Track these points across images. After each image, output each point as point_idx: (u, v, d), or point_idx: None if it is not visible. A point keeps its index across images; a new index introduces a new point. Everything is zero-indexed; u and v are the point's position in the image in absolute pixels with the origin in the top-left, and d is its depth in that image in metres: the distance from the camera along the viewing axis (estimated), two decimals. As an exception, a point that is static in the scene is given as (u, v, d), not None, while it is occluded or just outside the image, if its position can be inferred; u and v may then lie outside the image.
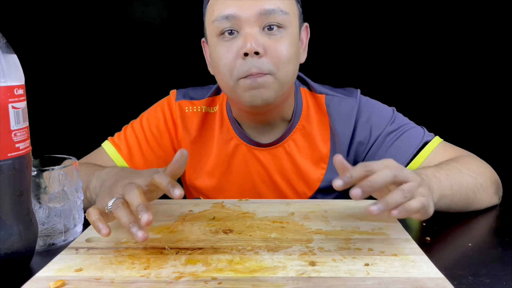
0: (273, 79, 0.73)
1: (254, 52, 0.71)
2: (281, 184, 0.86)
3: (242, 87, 0.73)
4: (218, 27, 0.73)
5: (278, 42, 0.73)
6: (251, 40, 0.71)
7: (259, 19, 0.72)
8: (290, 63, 0.75)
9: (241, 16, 0.72)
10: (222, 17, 0.72)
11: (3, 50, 0.47)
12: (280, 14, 0.72)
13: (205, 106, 0.88)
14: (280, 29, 0.73)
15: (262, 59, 0.72)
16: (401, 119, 0.85)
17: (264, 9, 0.71)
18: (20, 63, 0.49)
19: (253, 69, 0.72)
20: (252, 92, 0.73)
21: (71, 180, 0.60)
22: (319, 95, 0.86)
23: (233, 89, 0.75)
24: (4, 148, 0.46)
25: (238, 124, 0.86)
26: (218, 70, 0.76)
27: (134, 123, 0.89)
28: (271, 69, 0.73)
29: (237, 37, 0.73)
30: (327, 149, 0.85)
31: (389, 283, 0.46)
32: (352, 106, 0.85)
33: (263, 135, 0.85)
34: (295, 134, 0.85)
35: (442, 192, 0.65)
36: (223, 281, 0.46)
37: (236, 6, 0.72)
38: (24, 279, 0.47)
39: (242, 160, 0.86)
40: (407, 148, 0.80)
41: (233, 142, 0.86)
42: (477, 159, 0.77)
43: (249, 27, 0.72)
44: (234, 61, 0.73)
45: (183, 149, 0.54)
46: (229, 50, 0.73)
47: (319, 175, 0.86)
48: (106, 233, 0.52)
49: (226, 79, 0.75)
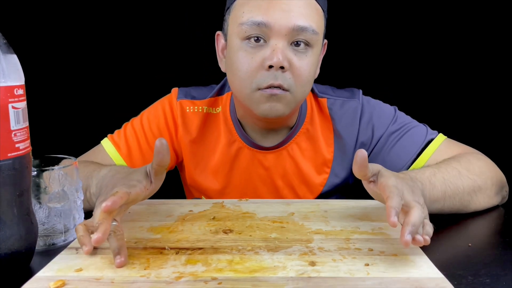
0: (291, 97, 0.73)
1: (280, 67, 0.70)
2: (283, 188, 0.86)
3: (259, 97, 0.73)
4: (245, 31, 0.72)
5: (303, 60, 0.73)
6: (278, 54, 0.70)
7: (290, 34, 0.71)
8: (310, 82, 0.76)
9: (273, 26, 0.70)
10: (253, 22, 0.71)
11: (3, 50, 0.47)
12: (311, 33, 0.72)
13: (207, 107, 0.87)
14: (307, 47, 0.73)
15: (285, 74, 0.72)
16: (403, 118, 0.84)
17: (297, 26, 0.70)
18: (20, 63, 0.49)
19: (275, 82, 0.71)
20: (268, 105, 0.73)
21: (71, 180, 0.60)
22: (321, 98, 0.86)
23: (249, 97, 0.74)
24: (4, 148, 0.46)
25: (241, 126, 0.85)
26: (236, 75, 0.75)
27: (134, 121, 0.89)
28: (291, 85, 0.72)
29: (263, 46, 0.72)
30: (331, 153, 0.85)
31: (389, 283, 0.46)
32: (355, 108, 0.84)
33: (267, 138, 0.85)
34: (299, 137, 0.85)
35: (433, 197, 0.65)
36: (223, 281, 0.46)
37: (270, 15, 0.70)
38: (24, 279, 0.47)
39: (244, 162, 0.86)
40: (411, 147, 0.80)
41: (236, 144, 0.85)
42: (480, 158, 0.76)
43: (278, 40, 0.71)
44: (257, 71, 0.72)
45: (161, 138, 0.54)
46: (253, 58, 0.72)
47: (322, 180, 0.85)
48: (87, 250, 0.53)
49: (243, 86, 0.74)
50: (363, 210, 0.69)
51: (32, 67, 0.90)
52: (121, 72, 1.67)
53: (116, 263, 0.50)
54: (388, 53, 1.65)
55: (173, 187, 0.93)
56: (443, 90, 1.68)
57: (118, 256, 0.50)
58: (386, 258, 0.52)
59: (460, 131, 0.97)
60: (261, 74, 0.72)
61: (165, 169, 0.57)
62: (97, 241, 0.48)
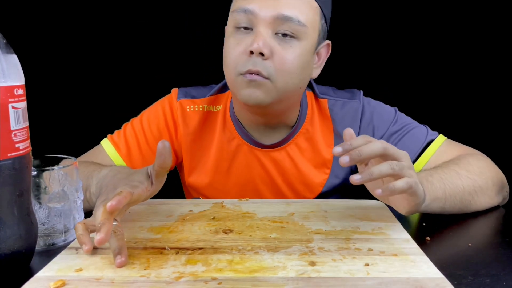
0: (270, 85, 0.73)
1: (260, 53, 0.71)
2: (282, 187, 0.86)
3: (240, 82, 0.74)
4: (235, 19, 0.74)
5: (287, 50, 0.73)
6: (259, 40, 0.71)
7: (274, 22, 0.72)
8: (294, 74, 0.74)
9: (259, 14, 0.72)
10: (241, 9, 0.73)
11: (3, 50, 0.47)
12: (296, 24, 0.72)
13: (207, 105, 0.87)
14: (293, 39, 0.73)
15: (266, 62, 0.72)
16: (403, 119, 0.85)
17: (281, 14, 0.71)
18: (20, 63, 0.49)
19: (253, 68, 0.72)
20: (248, 90, 0.73)
21: (71, 180, 0.60)
22: (322, 99, 0.86)
23: (233, 82, 0.76)
24: (4, 148, 0.46)
25: (241, 124, 0.85)
26: (224, 62, 0.77)
27: (134, 121, 0.89)
28: (272, 74, 0.72)
29: (250, 34, 0.73)
30: (330, 154, 0.85)
31: (389, 283, 0.46)
32: (356, 109, 0.84)
33: (265, 136, 0.85)
34: (299, 137, 0.85)
35: (434, 194, 0.65)
36: (223, 281, 0.46)
37: (257, 2, 0.72)
38: (24, 279, 0.47)
39: (243, 160, 0.86)
40: (411, 148, 0.80)
41: (235, 141, 0.86)
42: (480, 158, 0.76)
43: (263, 27, 0.72)
44: (240, 56, 0.73)
45: (163, 140, 0.55)
46: (239, 44, 0.74)
47: (322, 180, 0.85)
48: (86, 249, 0.53)
49: (229, 72, 0.76)
50: (363, 210, 0.69)
51: (32, 67, 0.90)
52: (121, 72, 1.67)
53: (117, 263, 0.50)
54: (388, 54, 1.65)
55: (173, 187, 0.93)
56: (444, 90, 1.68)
57: (119, 256, 0.50)
58: (386, 258, 0.52)
59: (460, 131, 0.97)
60: (243, 59, 0.73)
61: (167, 171, 0.57)
62: (100, 242, 0.49)
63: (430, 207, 0.65)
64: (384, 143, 0.55)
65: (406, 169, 0.55)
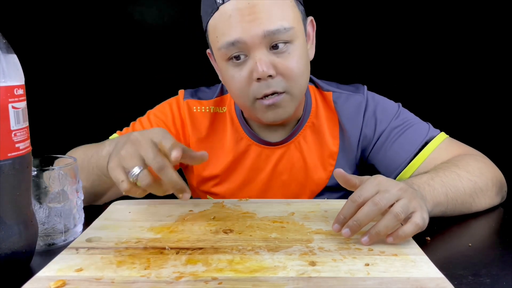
0: (289, 97, 0.74)
1: (267, 76, 0.71)
2: (290, 181, 0.86)
3: (260, 107, 0.75)
4: (225, 54, 0.73)
5: (287, 59, 0.72)
6: (262, 65, 0.70)
7: (264, 40, 0.71)
8: (303, 76, 0.75)
9: (247, 40, 0.70)
10: (228, 44, 0.71)
11: (3, 50, 0.47)
12: (284, 32, 0.71)
13: (214, 107, 0.88)
14: (287, 44, 0.73)
15: (275, 79, 0.72)
16: (406, 114, 0.85)
17: (268, 31, 0.70)
18: (20, 63, 0.49)
19: (267, 90, 0.72)
20: (271, 113, 0.75)
21: (71, 180, 0.60)
22: (326, 92, 0.87)
23: (251, 108, 0.76)
24: (4, 148, 0.46)
25: (247, 123, 0.86)
26: (232, 92, 0.78)
27: (142, 119, 0.89)
28: (285, 87, 0.73)
29: (246, 61, 0.73)
30: (336, 146, 0.86)
31: (389, 283, 0.46)
32: (360, 102, 0.85)
33: (273, 133, 0.85)
34: (305, 130, 0.85)
35: (436, 200, 0.64)
36: (223, 281, 0.46)
37: (239, 30, 0.70)
38: (25, 279, 0.47)
39: (253, 159, 0.86)
40: (411, 144, 0.80)
41: (244, 142, 0.86)
42: (480, 159, 0.76)
43: (257, 50, 0.71)
44: (248, 84, 0.73)
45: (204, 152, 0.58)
46: (241, 73, 0.73)
47: (328, 173, 0.86)
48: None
49: (242, 100, 0.76)
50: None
51: (32, 67, 0.90)
52: (121, 72, 1.67)
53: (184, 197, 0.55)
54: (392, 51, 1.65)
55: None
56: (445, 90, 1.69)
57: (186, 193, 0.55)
58: (386, 258, 0.52)
59: (460, 130, 0.97)
60: (253, 86, 0.73)
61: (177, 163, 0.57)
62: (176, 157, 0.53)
63: (432, 213, 0.64)
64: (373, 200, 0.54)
65: (408, 206, 0.55)
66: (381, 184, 0.56)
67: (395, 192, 0.55)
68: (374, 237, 0.54)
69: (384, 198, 0.54)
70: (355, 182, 0.59)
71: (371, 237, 0.55)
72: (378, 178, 0.57)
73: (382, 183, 0.56)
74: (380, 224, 0.54)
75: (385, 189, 0.55)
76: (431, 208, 0.63)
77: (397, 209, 0.54)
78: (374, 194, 0.55)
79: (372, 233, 0.54)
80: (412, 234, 0.55)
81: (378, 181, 0.57)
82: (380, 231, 0.54)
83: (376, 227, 0.54)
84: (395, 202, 0.54)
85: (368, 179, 0.58)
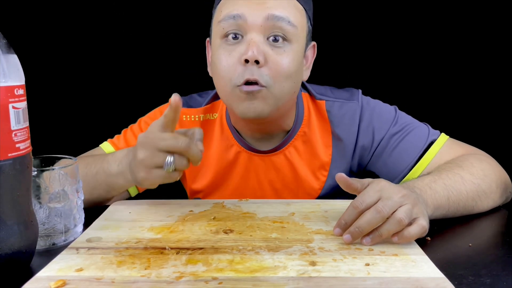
0: (268, 93, 0.71)
1: (255, 61, 0.69)
2: (281, 191, 0.85)
3: (238, 95, 0.72)
4: (224, 28, 0.72)
5: (281, 55, 0.71)
6: (253, 47, 0.69)
7: (265, 24, 0.70)
8: (289, 79, 0.73)
9: (248, 18, 0.70)
10: (229, 16, 0.71)
11: (3, 50, 0.47)
12: (287, 24, 0.71)
13: (203, 114, 0.87)
14: (285, 42, 0.72)
15: (261, 69, 0.70)
16: (404, 118, 0.83)
17: (272, 15, 0.70)
18: (20, 63, 0.49)
19: (251, 77, 0.70)
20: (246, 104, 0.72)
21: (71, 180, 0.60)
22: (319, 101, 0.84)
23: (229, 95, 0.74)
24: (5, 148, 0.46)
25: (237, 131, 0.85)
26: (217, 73, 0.75)
27: (133, 126, 0.90)
28: (268, 81, 0.71)
29: (240, 42, 0.72)
30: (329, 156, 0.84)
31: (389, 283, 0.46)
32: (354, 110, 0.83)
33: (263, 142, 0.84)
34: (296, 140, 0.84)
35: (437, 203, 0.64)
36: (223, 281, 0.46)
37: (245, 7, 0.71)
38: (25, 279, 0.47)
39: (242, 167, 0.85)
40: (412, 150, 0.79)
41: (234, 149, 0.85)
42: (484, 159, 0.75)
43: (254, 33, 0.71)
44: (235, 67, 0.71)
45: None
46: (231, 54, 0.72)
47: (320, 183, 0.85)
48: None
49: (224, 84, 0.74)
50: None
51: (32, 67, 0.89)
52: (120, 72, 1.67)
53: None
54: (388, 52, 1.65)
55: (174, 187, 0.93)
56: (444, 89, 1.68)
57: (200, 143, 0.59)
58: (386, 258, 0.52)
59: (461, 130, 0.97)
60: (238, 69, 0.71)
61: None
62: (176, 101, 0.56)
63: (433, 216, 0.63)
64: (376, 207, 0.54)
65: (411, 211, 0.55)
66: (383, 190, 0.56)
67: (397, 199, 0.55)
68: (376, 238, 0.55)
69: (386, 206, 0.54)
70: (357, 186, 0.58)
71: (373, 239, 0.55)
72: (381, 184, 0.57)
73: (384, 189, 0.56)
74: (383, 228, 0.54)
75: (388, 196, 0.55)
76: (432, 212, 0.62)
77: (400, 215, 0.54)
78: (376, 200, 0.55)
79: (375, 235, 0.55)
80: (417, 236, 0.55)
81: (380, 187, 0.56)
82: (383, 234, 0.54)
83: (378, 230, 0.55)
84: (398, 208, 0.54)
85: (370, 184, 0.57)
